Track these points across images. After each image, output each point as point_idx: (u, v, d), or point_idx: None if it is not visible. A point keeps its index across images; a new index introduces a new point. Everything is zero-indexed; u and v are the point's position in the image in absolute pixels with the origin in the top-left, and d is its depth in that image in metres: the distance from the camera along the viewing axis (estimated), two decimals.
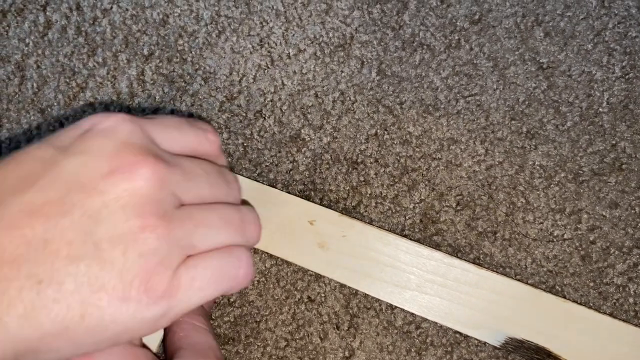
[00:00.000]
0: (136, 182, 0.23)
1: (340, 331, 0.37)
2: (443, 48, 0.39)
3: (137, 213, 0.23)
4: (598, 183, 0.37)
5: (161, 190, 0.24)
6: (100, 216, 0.22)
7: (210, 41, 0.40)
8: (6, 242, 0.21)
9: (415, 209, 0.38)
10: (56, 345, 0.22)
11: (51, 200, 0.22)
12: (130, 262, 0.22)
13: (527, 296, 0.35)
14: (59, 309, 0.21)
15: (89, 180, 0.23)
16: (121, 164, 0.23)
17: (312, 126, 0.39)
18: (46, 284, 0.21)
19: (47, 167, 0.23)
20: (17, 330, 0.21)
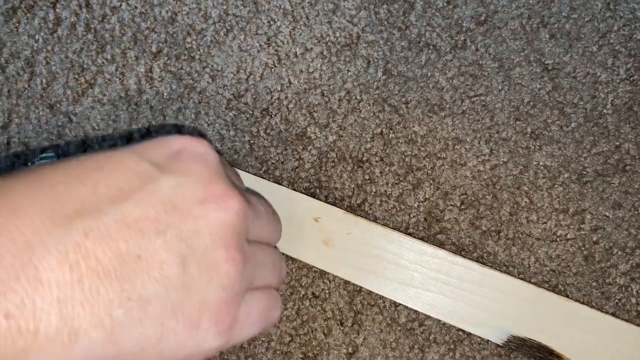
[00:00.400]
0: (227, 214, 0.24)
1: (344, 327, 0.38)
2: (449, 48, 0.40)
3: (224, 244, 0.23)
4: (602, 184, 0.38)
5: (244, 225, 0.25)
6: (191, 241, 0.23)
7: (218, 39, 0.41)
8: (100, 253, 0.21)
9: (420, 207, 0.39)
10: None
11: (148, 217, 0.22)
12: (211, 293, 0.23)
13: (530, 295, 0.36)
14: (141, 329, 0.21)
15: (185, 203, 0.23)
16: (215, 193, 0.24)
17: (318, 124, 0.40)
18: (135, 303, 0.21)
19: (143, 182, 0.23)
20: (98, 347, 0.21)
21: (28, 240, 0.20)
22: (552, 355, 0.36)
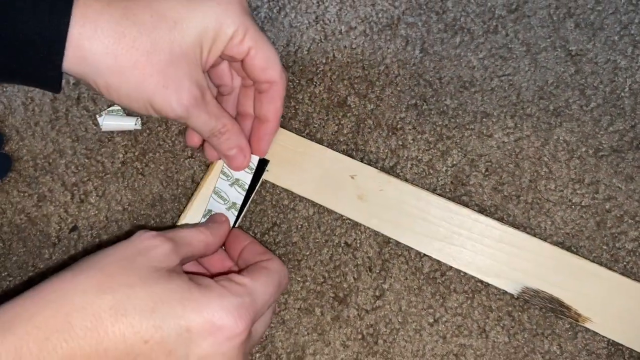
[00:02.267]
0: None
1: (372, 273, 0.46)
2: (481, 32, 0.50)
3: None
4: (616, 159, 0.46)
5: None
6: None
7: (271, 16, 0.51)
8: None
9: (448, 172, 0.47)
10: None
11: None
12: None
13: (545, 252, 0.44)
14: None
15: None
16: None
17: (358, 94, 0.49)
18: None
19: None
20: None
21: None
22: (562, 306, 0.43)
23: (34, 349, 0.29)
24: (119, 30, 0.35)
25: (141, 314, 0.32)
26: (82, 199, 0.49)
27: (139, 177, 0.49)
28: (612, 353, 0.44)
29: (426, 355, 0.45)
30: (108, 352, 0.31)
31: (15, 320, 0.30)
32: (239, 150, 0.44)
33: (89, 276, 0.33)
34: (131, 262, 0.34)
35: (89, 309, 0.31)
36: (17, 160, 0.49)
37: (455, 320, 0.45)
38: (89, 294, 0.32)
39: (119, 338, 0.31)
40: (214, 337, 0.33)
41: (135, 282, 0.33)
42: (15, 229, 0.48)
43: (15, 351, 0.29)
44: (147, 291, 0.33)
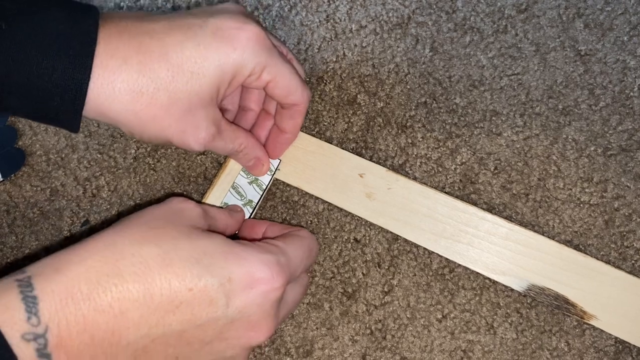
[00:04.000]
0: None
1: (381, 269, 0.48)
2: (491, 32, 0.52)
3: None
4: (625, 158, 0.49)
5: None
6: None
7: (282, 14, 0.54)
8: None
9: (457, 170, 0.50)
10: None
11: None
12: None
13: (551, 250, 0.46)
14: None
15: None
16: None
17: (368, 92, 0.52)
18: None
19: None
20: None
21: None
22: (568, 304, 0.46)
23: (84, 289, 0.32)
24: (136, 89, 0.38)
25: (186, 263, 0.35)
26: (94, 194, 0.51)
27: (150, 172, 0.51)
28: (619, 350, 0.46)
29: (434, 351, 0.47)
30: (154, 297, 0.34)
31: (66, 263, 0.33)
32: (257, 161, 0.48)
33: (134, 230, 0.36)
34: (171, 219, 0.38)
35: (137, 256, 0.34)
36: (30, 155, 0.52)
37: (463, 317, 0.48)
38: (136, 244, 0.35)
39: (165, 285, 0.34)
40: (252, 288, 0.36)
41: (178, 236, 0.36)
42: (28, 223, 0.51)
43: (66, 290, 0.32)
44: (190, 244, 0.36)
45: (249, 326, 0.37)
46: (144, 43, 0.39)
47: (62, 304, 0.31)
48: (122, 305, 0.33)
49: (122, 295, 0.33)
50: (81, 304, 0.32)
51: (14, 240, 0.51)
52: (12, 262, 0.51)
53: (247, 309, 0.37)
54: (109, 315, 0.32)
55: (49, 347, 0.31)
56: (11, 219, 0.51)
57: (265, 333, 0.38)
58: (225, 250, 0.37)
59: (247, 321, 0.37)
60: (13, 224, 0.51)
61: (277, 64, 0.43)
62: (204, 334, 0.36)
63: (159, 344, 0.35)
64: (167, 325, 0.34)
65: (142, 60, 0.38)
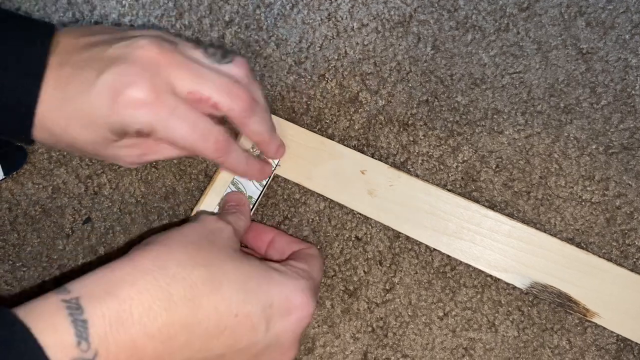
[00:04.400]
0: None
1: (382, 267, 0.49)
2: (493, 30, 0.52)
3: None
4: (626, 156, 0.49)
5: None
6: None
7: (284, 12, 0.54)
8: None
9: (458, 168, 0.50)
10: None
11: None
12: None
13: (554, 247, 0.47)
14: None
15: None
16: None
17: (370, 90, 0.52)
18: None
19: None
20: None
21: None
22: (571, 301, 0.46)
23: (135, 313, 0.32)
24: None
25: (232, 288, 0.35)
26: (95, 191, 0.52)
27: (152, 170, 0.52)
28: (621, 348, 0.47)
29: (436, 349, 0.48)
30: (201, 323, 0.34)
31: (118, 284, 0.32)
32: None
33: (182, 251, 0.35)
34: (212, 240, 0.38)
35: (187, 280, 0.34)
36: (32, 153, 0.52)
37: (465, 314, 0.48)
38: (186, 266, 0.34)
39: (212, 310, 0.34)
40: (290, 315, 0.37)
41: (224, 259, 0.36)
42: (29, 220, 0.51)
43: (117, 315, 0.31)
44: (236, 267, 0.36)
45: (280, 351, 0.38)
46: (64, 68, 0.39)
47: (113, 328, 0.31)
48: (171, 331, 0.33)
49: (171, 320, 0.33)
50: (131, 329, 0.31)
51: (15, 237, 0.51)
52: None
53: (283, 334, 0.38)
54: (157, 341, 0.32)
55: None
56: (13, 216, 0.52)
57: (291, 356, 0.39)
58: (266, 275, 0.37)
59: (280, 346, 0.38)
60: (15, 221, 0.52)
61: (168, 124, 0.39)
62: (240, 357, 0.36)
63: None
64: (210, 350, 0.35)
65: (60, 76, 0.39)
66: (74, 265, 0.51)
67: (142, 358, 0.32)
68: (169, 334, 0.32)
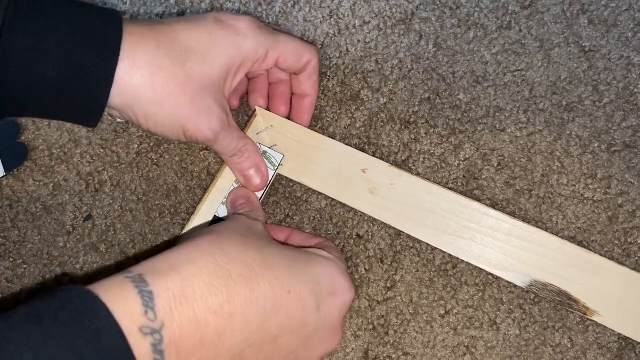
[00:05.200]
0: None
1: (384, 265, 0.49)
2: (495, 28, 0.53)
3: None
4: (629, 154, 0.49)
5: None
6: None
7: (285, 10, 0.55)
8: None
9: (460, 166, 0.51)
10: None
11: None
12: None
13: (554, 246, 0.47)
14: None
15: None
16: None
17: (371, 88, 0.53)
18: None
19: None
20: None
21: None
22: (571, 299, 0.46)
23: (197, 289, 0.33)
24: (155, 64, 0.41)
25: (283, 267, 0.37)
26: (97, 189, 0.52)
27: (153, 167, 0.52)
28: (623, 347, 0.47)
29: (437, 347, 0.48)
30: (259, 300, 0.35)
31: (180, 262, 0.34)
32: (257, 169, 0.48)
33: (234, 237, 0.38)
34: (253, 232, 0.40)
35: (243, 260, 0.36)
36: (33, 150, 0.53)
37: (466, 313, 0.48)
38: (241, 248, 0.37)
39: (268, 288, 0.36)
40: (335, 295, 0.40)
41: (268, 244, 0.39)
42: (30, 217, 0.52)
43: (181, 289, 0.32)
44: (281, 251, 0.39)
45: (328, 334, 0.40)
46: (156, 26, 0.42)
47: (177, 302, 0.32)
48: (231, 308, 0.34)
49: (231, 297, 0.34)
50: (194, 305, 0.32)
51: (16, 234, 0.52)
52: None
53: (331, 315, 0.39)
54: (219, 317, 0.33)
55: (163, 343, 0.31)
56: (14, 213, 0.52)
57: (337, 341, 0.42)
58: (309, 258, 0.40)
59: (329, 328, 0.40)
60: (16, 218, 0.52)
61: (278, 40, 0.46)
62: (294, 340, 0.38)
63: (255, 349, 0.36)
64: (267, 330, 0.36)
65: (157, 38, 0.41)
66: (75, 262, 0.52)
67: (204, 335, 0.33)
68: (229, 310, 0.34)
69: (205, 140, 0.44)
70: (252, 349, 0.35)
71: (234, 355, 0.35)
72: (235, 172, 0.49)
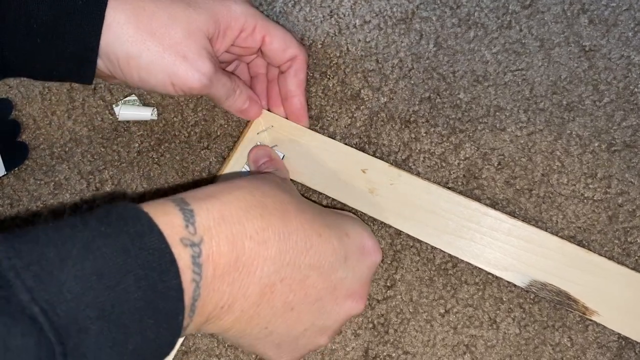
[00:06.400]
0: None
1: (384, 264, 0.50)
2: (495, 27, 0.53)
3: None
4: (629, 154, 0.50)
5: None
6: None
7: (286, 10, 0.56)
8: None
9: (460, 165, 0.51)
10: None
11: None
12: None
13: (554, 245, 0.48)
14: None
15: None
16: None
17: (372, 87, 0.53)
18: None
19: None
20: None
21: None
22: (570, 299, 0.47)
23: (234, 213, 0.35)
24: (139, 4, 0.42)
25: (313, 213, 0.40)
26: (97, 187, 0.53)
27: (154, 166, 0.53)
28: (622, 346, 0.48)
29: (437, 346, 0.49)
30: (291, 235, 0.37)
31: (218, 191, 0.36)
32: (251, 101, 0.50)
33: (268, 181, 0.40)
34: (287, 184, 0.43)
35: (278, 197, 0.38)
36: (33, 149, 0.54)
37: (466, 311, 0.49)
38: (276, 190, 0.39)
39: (300, 226, 0.38)
40: (363, 253, 0.42)
41: (300, 196, 0.42)
42: (31, 216, 0.53)
43: (219, 211, 0.34)
44: (311, 204, 0.41)
45: (355, 289, 0.41)
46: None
47: (216, 222, 0.34)
48: (266, 235, 0.36)
49: (266, 225, 0.36)
50: (231, 226, 0.34)
51: None
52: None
53: (358, 270, 0.41)
54: (254, 242, 0.35)
55: (202, 257, 0.32)
56: (15, 212, 0.53)
57: (363, 304, 0.42)
58: (339, 214, 0.44)
59: (356, 282, 0.41)
60: (17, 217, 0.53)
61: (268, 21, 0.48)
62: (322, 283, 0.39)
63: (285, 285, 0.37)
64: (297, 266, 0.37)
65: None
66: None
67: (240, 256, 0.34)
68: (264, 237, 0.35)
69: (199, 85, 0.44)
70: (283, 284, 0.37)
71: (265, 286, 0.36)
72: (232, 110, 0.50)
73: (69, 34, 0.40)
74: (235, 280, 0.34)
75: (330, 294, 0.40)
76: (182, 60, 0.42)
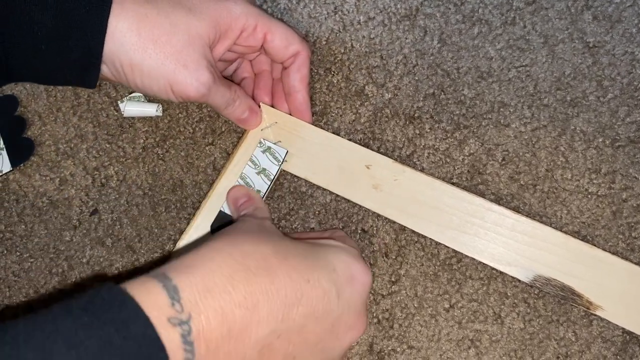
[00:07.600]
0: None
1: (388, 259, 0.51)
2: (499, 24, 0.54)
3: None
4: (633, 149, 0.51)
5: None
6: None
7: (290, 7, 0.56)
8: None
9: (464, 161, 0.52)
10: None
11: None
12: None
13: (558, 241, 0.48)
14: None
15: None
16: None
17: (376, 84, 0.54)
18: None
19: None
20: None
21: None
22: (574, 294, 0.48)
23: (219, 282, 0.34)
24: (141, 12, 0.42)
25: (298, 257, 0.39)
26: (102, 183, 0.54)
27: (159, 162, 0.54)
28: (627, 341, 0.48)
29: (442, 340, 0.49)
30: (279, 291, 0.36)
31: (198, 260, 0.35)
32: (250, 111, 0.50)
33: (245, 235, 0.39)
34: (265, 228, 0.42)
35: (258, 254, 0.37)
36: (39, 145, 0.54)
37: (470, 306, 0.50)
38: (255, 244, 0.38)
39: (286, 277, 0.37)
40: (353, 280, 0.41)
41: (279, 238, 0.40)
42: (37, 212, 0.54)
43: (203, 283, 0.34)
44: (293, 243, 0.40)
45: (353, 320, 0.41)
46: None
47: (201, 295, 0.33)
48: (254, 298, 0.35)
49: (253, 288, 0.35)
50: (218, 297, 0.34)
51: (23, 229, 0.53)
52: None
53: (352, 301, 0.41)
54: (243, 309, 0.34)
55: (192, 335, 0.32)
56: (20, 208, 0.54)
57: (363, 326, 0.42)
58: (321, 249, 0.42)
59: (352, 314, 0.41)
60: (22, 213, 0.54)
61: (270, 18, 0.48)
62: (320, 328, 0.39)
63: (283, 340, 0.37)
64: (292, 320, 0.37)
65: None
66: (81, 256, 0.53)
67: (231, 327, 0.34)
68: (253, 301, 0.35)
69: (197, 94, 0.44)
70: (280, 340, 0.37)
71: (262, 347, 0.36)
72: (231, 119, 0.50)
73: (73, 42, 0.41)
74: (231, 350, 0.34)
75: (330, 334, 0.40)
76: (182, 69, 0.43)
